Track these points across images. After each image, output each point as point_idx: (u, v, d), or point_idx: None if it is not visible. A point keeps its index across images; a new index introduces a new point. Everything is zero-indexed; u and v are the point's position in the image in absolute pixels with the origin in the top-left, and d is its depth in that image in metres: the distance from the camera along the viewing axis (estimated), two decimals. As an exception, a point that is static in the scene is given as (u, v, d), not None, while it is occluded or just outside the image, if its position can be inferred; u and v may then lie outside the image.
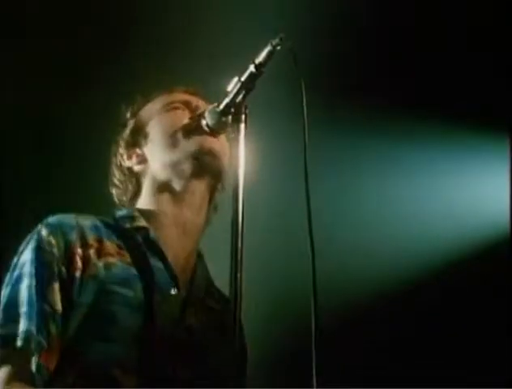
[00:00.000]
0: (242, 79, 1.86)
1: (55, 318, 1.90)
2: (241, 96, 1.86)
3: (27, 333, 1.87)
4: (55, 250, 1.95)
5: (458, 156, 3.55)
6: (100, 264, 1.96)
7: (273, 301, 3.38)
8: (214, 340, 2.03)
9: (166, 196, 2.12)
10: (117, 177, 2.21)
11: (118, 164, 2.21)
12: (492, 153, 3.53)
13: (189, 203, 2.11)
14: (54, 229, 1.98)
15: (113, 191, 2.23)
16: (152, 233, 2.07)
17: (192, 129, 2.09)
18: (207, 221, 2.18)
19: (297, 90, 1.87)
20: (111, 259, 1.99)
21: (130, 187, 2.18)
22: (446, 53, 3.50)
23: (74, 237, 1.97)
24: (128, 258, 2.01)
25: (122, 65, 3.30)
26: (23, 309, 1.90)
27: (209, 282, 2.17)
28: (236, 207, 1.78)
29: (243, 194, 1.80)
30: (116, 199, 2.22)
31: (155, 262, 2.03)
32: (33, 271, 1.93)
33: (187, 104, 2.17)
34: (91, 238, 1.99)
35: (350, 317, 3.41)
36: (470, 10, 3.45)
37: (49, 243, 1.96)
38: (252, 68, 1.85)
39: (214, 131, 2.04)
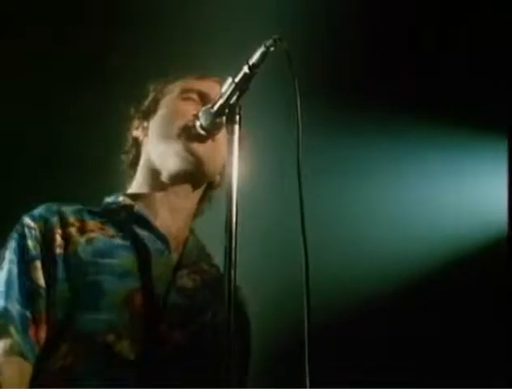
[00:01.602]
0: (236, 79, 1.87)
1: (39, 292, 1.95)
2: (235, 97, 1.87)
3: (3, 309, 1.92)
4: (35, 233, 2.01)
5: (456, 157, 3.55)
6: (82, 240, 2.02)
7: (268, 302, 3.38)
8: (208, 300, 2.07)
9: (155, 181, 2.16)
10: (126, 144, 2.28)
11: (130, 131, 2.28)
12: (490, 154, 3.53)
13: (176, 191, 2.15)
14: (36, 216, 2.05)
15: (122, 157, 2.29)
16: (137, 208, 2.12)
17: (187, 129, 2.11)
18: (199, 210, 2.24)
19: (293, 91, 1.88)
20: (92, 235, 2.04)
21: (131, 156, 2.25)
22: (446, 53, 3.50)
23: (54, 219, 2.03)
24: (110, 231, 2.06)
25: (120, 65, 3.31)
26: (1, 289, 1.96)
27: (201, 249, 2.20)
28: (230, 207, 1.79)
29: (237, 194, 1.81)
30: (122, 166, 2.28)
31: (142, 231, 2.07)
32: (13, 256, 2.00)
33: (204, 97, 2.18)
34: (72, 219, 2.05)
35: (348, 317, 3.41)
36: (470, 10, 3.45)
37: (29, 227, 2.02)
38: (246, 69, 1.86)
39: (208, 132, 2.04)
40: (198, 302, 2.06)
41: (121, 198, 2.16)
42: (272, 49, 1.83)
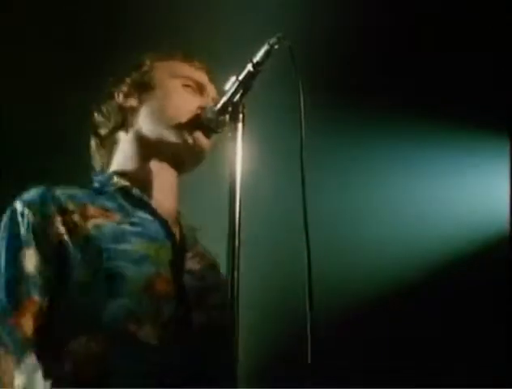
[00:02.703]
0: (240, 78, 1.87)
1: (28, 281, 1.91)
2: (238, 95, 1.87)
3: None
4: (28, 220, 1.95)
5: (458, 156, 3.56)
6: (89, 226, 1.97)
7: (270, 301, 3.39)
8: (215, 283, 2.08)
9: (148, 157, 2.13)
10: (105, 108, 2.20)
11: (117, 95, 2.20)
12: (492, 153, 3.53)
13: (165, 167, 2.14)
14: (29, 202, 1.98)
15: (96, 117, 2.21)
16: (135, 190, 2.08)
17: (196, 120, 2.10)
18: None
19: (296, 89, 1.88)
20: (98, 221, 1.99)
21: (113, 121, 2.18)
22: (446, 53, 3.50)
23: (50, 207, 1.97)
24: (116, 218, 2.02)
25: (118, 63, 3.31)
26: None
27: (193, 230, 2.19)
28: (234, 206, 1.79)
29: (240, 193, 1.80)
30: (95, 124, 2.21)
31: (144, 215, 2.05)
32: (3, 244, 1.95)
33: (200, 88, 2.18)
34: (70, 205, 1.99)
35: (348, 317, 3.41)
36: (470, 10, 3.45)
37: (22, 214, 1.96)
38: (250, 67, 1.86)
39: (211, 130, 2.04)
40: (207, 285, 2.06)
41: (115, 180, 2.11)
42: (276, 46, 1.84)
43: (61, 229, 1.95)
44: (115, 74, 2.25)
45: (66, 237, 1.94)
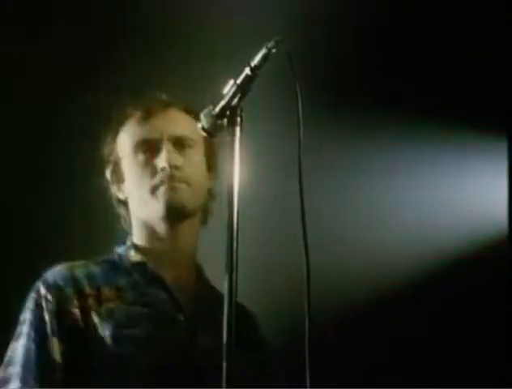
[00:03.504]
0: (238, 81, 1.86)
1: (57, 368, 1.97)
2: (236, 99, 1.86)
3: None
4: (52, 306, 2.02)
5: (456, 156, 3.55)
6: (102, 311, 2.02)
7: (269, 302, 3.38)
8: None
9: (151, 234, 2.17)
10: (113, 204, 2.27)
11: (110, 194, 2.26)
12: (490, 153, 3.53)
13: (174, 236, 2.16)
14: (51, 285, 2.05)
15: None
16: (150, 266, 2.11)
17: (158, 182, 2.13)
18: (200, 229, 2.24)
19: (293, 92, 1.88)
20: (111, 305, 2.04)
21: (124, 214, 2.24)
22: (446, 53, 3.50)
23: (70, 290, 2.04)
24: (128, 298, 2.06)
25: (119, 63, 3.32)
26: (17, 369, 1.97)
27: (213, 294, 2.17)
28: (231, 210, 1.79)
29: (238, 196, 1.80)
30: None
31: (157, 292, 2.08)
32: (31, 331, 2.01)
33: (159, 143, 2.17)
34: (87, 288, 2.05)
35: (348, 317, 3.41)
36: (469, 10, 3.45)
37: (46, 299, 2.03)
38: (247, 71, 1.86)
39: (209, 134, 2.03)
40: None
41: (132, 254, 2.16)
42: (274, 50, 1.83)
43: (77, 314, 2.01)
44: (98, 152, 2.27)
45: (80, 323, 2.00)
